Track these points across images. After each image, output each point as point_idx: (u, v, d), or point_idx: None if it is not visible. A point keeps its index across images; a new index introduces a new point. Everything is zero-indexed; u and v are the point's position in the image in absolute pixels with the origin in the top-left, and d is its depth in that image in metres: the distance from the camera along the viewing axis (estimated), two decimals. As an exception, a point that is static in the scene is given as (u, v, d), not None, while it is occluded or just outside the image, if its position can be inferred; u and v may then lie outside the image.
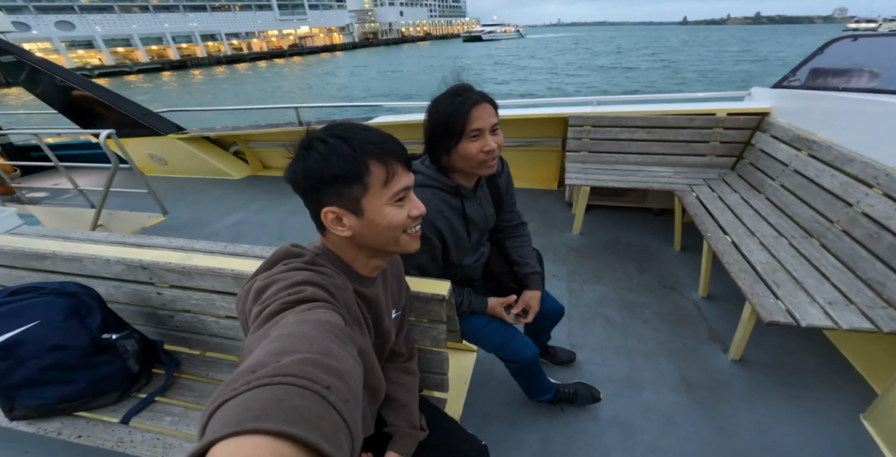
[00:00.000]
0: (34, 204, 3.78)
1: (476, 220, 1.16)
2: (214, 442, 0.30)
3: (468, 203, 1.12)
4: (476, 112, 0.97)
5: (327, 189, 0.64)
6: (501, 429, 1.50)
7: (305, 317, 0.52)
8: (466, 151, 0.99)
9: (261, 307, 0.56)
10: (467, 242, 1.16)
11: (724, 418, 1.50)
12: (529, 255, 1.36)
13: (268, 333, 0.49)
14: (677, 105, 2.92)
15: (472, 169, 1.04)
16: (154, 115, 4.06)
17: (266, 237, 3.03)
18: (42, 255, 1.23)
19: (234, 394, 0.35)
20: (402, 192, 0.68)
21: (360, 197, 0.65)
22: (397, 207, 0.68)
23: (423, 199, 1.00)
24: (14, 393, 1.06)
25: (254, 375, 0.37)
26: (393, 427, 0.92)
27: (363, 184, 0.64)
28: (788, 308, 1.43)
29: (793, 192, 2.04)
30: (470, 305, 1.21)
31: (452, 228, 1.10)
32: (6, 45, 3.71)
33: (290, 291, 0.58)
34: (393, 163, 0.66)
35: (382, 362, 0.92)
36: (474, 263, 1.24)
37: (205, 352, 1.37)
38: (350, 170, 0.63)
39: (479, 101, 0.97)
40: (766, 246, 1.81)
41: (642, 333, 1.92)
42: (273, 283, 0.60)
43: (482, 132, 0.99)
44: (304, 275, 0.63)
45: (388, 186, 0.66)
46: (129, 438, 1.08)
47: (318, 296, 0.58)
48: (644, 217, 2.96)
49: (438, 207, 1.06)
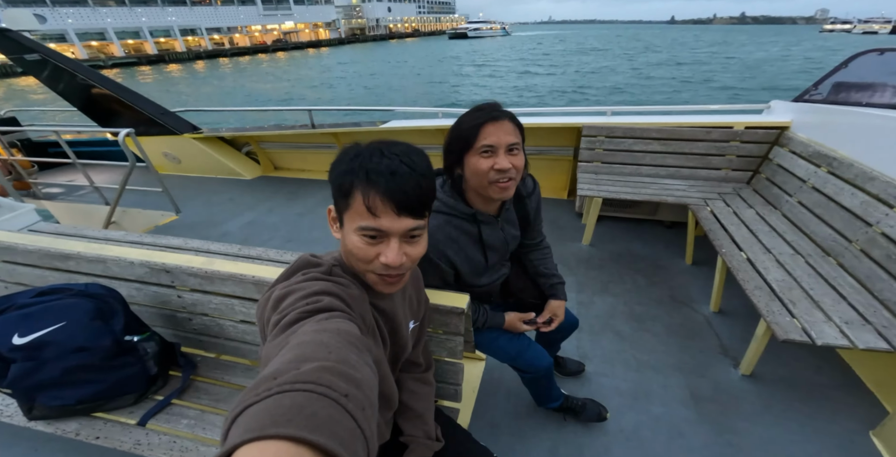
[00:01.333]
0: (49, 199, 3.83)
1: (495, 244, 1.12)
2: (238, 446, 0.31)
3: (486, 228, 1.08)
4: (491, 127, 0.92)
5: (333, 190, 0.68)
6: (509, 439, 1.50)
7: (323, 326, 0.53)
8: (476, 166, 0.94)
9: (279, 316, 0.57)
10: (483, 266, 1.13)
11: (733, 433, 1.50)
12: (553, 267, 1.35)
13: (287, 341, 0.50)
14: (693, 117, 2.90)
15: (483, 190, 0.98)
16: (171, 114, 4.12)
17: (276, 239, 3.05)
18: (66, 255, 1.25)
19: (256, 399, 0.36)
20: (373, 231, 0.64)
21: (343, 211, 0.67)
22: (365, 241, 0.65)
23: (436, 225, 1.01)
24: (34, 394, 1.07)
25: (275, 381, 0.38)
26: (409, 437, 0.93)
27: (346, 202, 0.65)
28: (804, 326, 1.43)
29: (810, 209, 2.02)
30: (486, 322, 1.21)
31: (466, 256, 1.07)
32: (31, 43, 3.79)
33: (307, 301, 0.59)
34: (374, 199, 0.62)
35: (398, 372, 0.93)
36: (492, 282, 1.22)
37: (220, 355, 1.38)
38: (340, 183, 0.65)
39: (498, 118, 0.93)
40: (782, 263, 1.79)
41: (652, 346, 1.91)
42: (291, 292, 0.62)
43: (495, 149, 0.93)
44: (322, 285, 0.64)
45: (360, 217, 0.63)
46: (146, 440, 1.09)
47: (334, 306, 0.60)
48: (655, 229, 2.94)
49: (451, 235, 1.03)
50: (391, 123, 3.60)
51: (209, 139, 4.18)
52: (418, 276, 0.95)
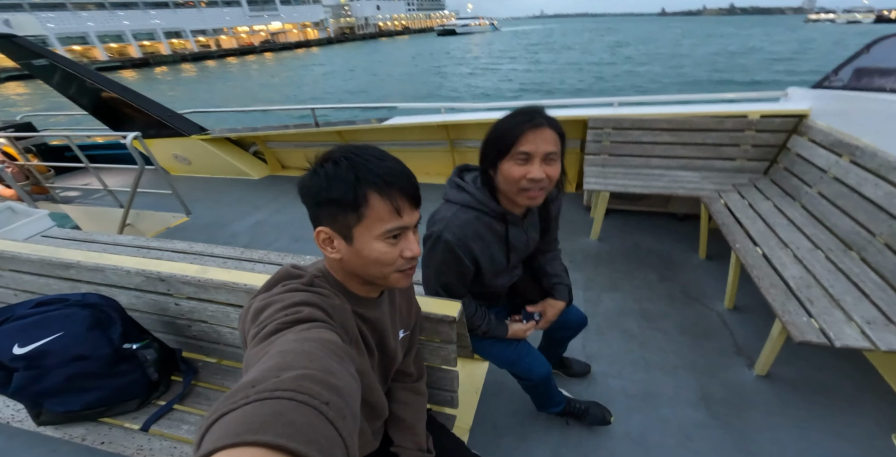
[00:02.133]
0: (67, 203, 3.95)
1: (518, 246, 1.12)
2: (212, 453, 0.31)
3: (512, 229, 1.07)
4: (531, 134, 0.88)
5: (324, 210, 0.65)
6: (511, 442, 1.48)
7: (304, 335, 0.52)
8: (509, 172, 0.92)
9: (258, 328, 0.57)
10: (504, 266, 1.12)
11: (744, 435, 1.45)
12: (560, 270, 1.33)
13: (266, 350, 0.49)
14: (704, 107, 2.79)
15: (512, 194, 0.96)
16: (178, 116, 4.17)
17: (283, 238, 3.08)
18: (67, 264, 1.27)
19: (233, 407, 0.36)
20: (398, 230, 0.65)
21: (353, 225, 0.64)
22: (388, 244, 0.66)
23: (465, 221, 1.00)
24: (41, 400, 1.10)
25: (254, 389, 0.38)
26: (399, 448, 0.92)
27: (358, 214, 0.63)
28: (822, 327, 1.36)
29: (832, 201, 1.91)
30: (488, 332, 1.18)
31: (490, 254, 1.06)
32: (39, 48, 3.87)
33: (287, 312, 0.58)
34: (396, 199, 0.64)
35: (388, 382, 0.92)
36: (504, 284, 1.21)
37: (220, 360, 1.39)
38: (347, 197, 0.62)
39: (541, 125, 0.89)
40: (801, 259, 1.70)
41: (662, 345, 1.86)
42: (271, 304, 0.61)
43: (531, 157, 0.90)
44: (302, 296, 0.63)
45: (383, 222, 0.64)
46: (148, 445, 1.11)
47: (314, 316, 0.59)
48: (667, 222, 2.85)
49: (479, 231, 1.01)
50: (394, 120, 3.56)
51: (217, 140, 4.23)
52: (410, 285, 0.92)
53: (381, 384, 0.85)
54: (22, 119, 4.73)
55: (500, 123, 0.93)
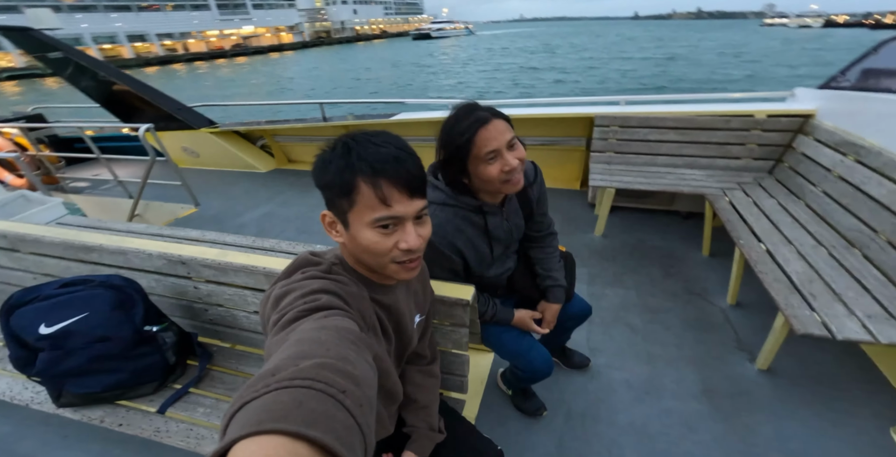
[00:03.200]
0: (77, 193, 3.98)
1: (500, 236, 1.13)
2: (236, 441, 0.32)
3: (491, 219, 1.09)
4: (485, 133, 0.90)
5: (325, 193, 0.66)
6: (516, 431, 1.50)
7: (322, 323, 0.53)
8: (487, 174, 0.94)
9: (279, 315, 0.58)
10: (489, 257, 1.14)
11: (746, 427, 1.47)
12: (554, 267, 1.31)
13: (286, 338, 0.51)
14: (711, 106, 2.81)
15: (495, 190, 0.99)
16: (188, 109, 4.21)
17: (290, 230, 3.11)
18: (90, 247, 1.30)
19: (254, 396, 0.37)
20: (388, 220, 0.63)
21: (347, 211, 0.64)
22: (380, 233, 0.64)
23: (443, 219, 1.01)
24: (62, 381, 1.13)
25: (273, 378, 0.39)
26: (412, 428, 0.94)
27: (349, 199, 0.63)
28: (824, 320, 1.38)
29: (836, 199, 1.93)
30: (494, 315, 1.21)
31: (474, 246, 1.08)
32: (54, 41, 3.91)
33: (306, 300, 0.59)
34: (385, 187, 0.61)
35: (403, 365, 0.94)
36: (499, 275, 1.22)
37: (235, 345, 1.42)
38: (337, 182, 0.62)
39: (488, 120, 0.91)
40: (804, 255, 1.73)
41: (665, 339, 1.88)
42: (291, 291, 0.62)
43: (499, 152, 0.92)
44: (320, 283, 0.64)
45: (372, 211, 0.62)
46: (164, 427, 1.14)
47: (332, 304, 0.60)
48: (671, 220, 2.87)
49: (459, 227, 1.04)
50: (401, 115, 3.59)
51: (225, 133, 4.26)
52: (424, 269, 0.94)
53: (396, 368, 0.87)
54: (34, 110, 4.76)
55: (449, 134, 0.94)
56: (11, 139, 4.01)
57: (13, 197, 2.52)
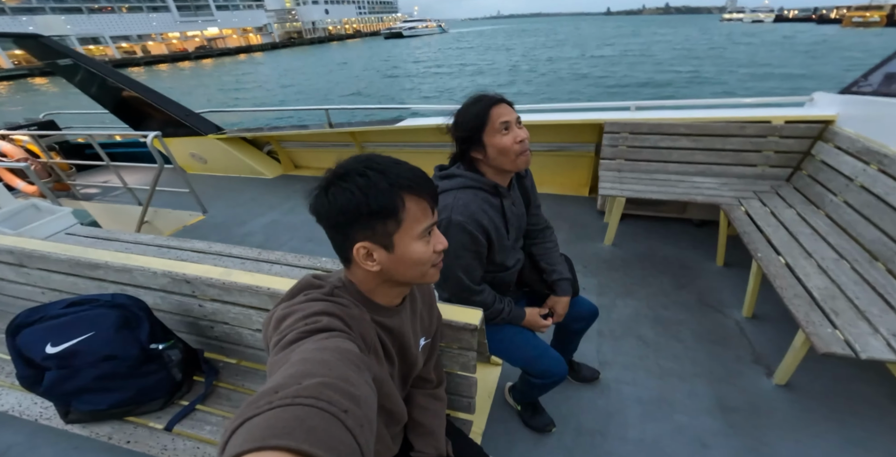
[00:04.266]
0: (87, 200, 4.03)
1: (513, 219, 1.19)
2: (238, 456, 0.32)
3: (506, 202, 1.16)
4: (499, 109, 1.05)
5: (362, 223, 0.63)
6: (524, 447, 1.47)
7: (323, 345, 0.54)
8: (502, 144, 1.05)
9: (280, 336, 0.58)
10: (507, 240, 1.18)
11: (762, 444, 1.43)
12: (557, 260, 1.36)
13: (287, 358, 0.51)
14: (725, 111, 2.74)
15: (510, 164, 1.08)
16: (196, 115, 4.24)
17: (297, 238, 3.11)
18: (95, 264, 1.30)
19: (256, 412, 0.37)
20: (431, 227, 0.69)
21: (393, 233, 0.64)
22: (425, 242, 0.68)
23: (467, 199, 1.08)
24: (69, 399, 1.13)
25: (276, 395, 0.39)
26: (419, 454, 0.92)
27: (397, 219, 0.64)
28: (847, 339, 1.33)
29: (858, 210, 1.87)
30: (510, 313, 1.23)
31: (496, 227, 1.13)
32: (64, 48, 3.96)
33: (307, 322, 0.59)
34: (427, 198, 0.66)
35: (407, 389, 0.93)
36: (514, 265, 1.25)
37: (241, 361, 1.41)
38: (387, 205, 0.62)
39: (499, 101, 1.06)
40: (825, 270, 1.67)
41: (677, 352, 1.84)
42: (292, 313, 0.62)
43: (510, 124, 1.05)
44: (322, 305, 0.64)
45: (419, 222, 0.66)
46: (171, 445, 1.13)
47: (333, 326, 0.60)
48: (683, 228, 2.81)
49: (482, 207, 1.09)
50: (406, 122, 3.57)
51: (232, 139, 4.29)
52: (432, 292, 0.93)
53: (400, 391, 0.86)
54: (45, 117, 4.84)
55: (467, 112, 1.07)
56: (23, 146, 4.07)
57: (23, 206, 2.55)
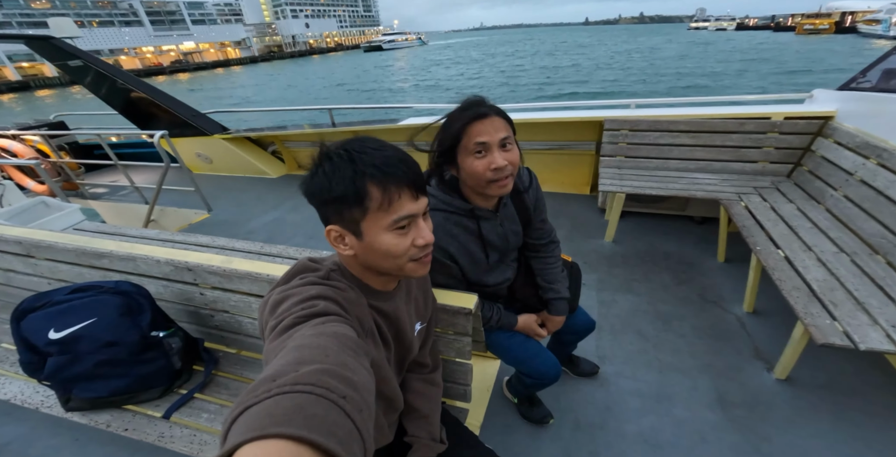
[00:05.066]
0: (95, 199, 4.10)
1: (494, 241, 1.10)
2: (239, 446, 0.32)
3: (485, 224, 1.06)
4: (480, 126, 0.89)
5: (330, 207, 0.64)
6: (522, 440, 1.47)
7: (320, 330, 0.53)
8: (472, 168, 0.91)
9: (276, 321, 0.58)
10: (485, 263, 1.11)
11: (763, 439, 1.42)
12: (556, 279, 1.26)
13: (284, 344, 0.51)
14: (723, 109, 2.75)
15: (481, 189, 0.96)
16: (202, 116, 4.30)
17: (299, 236, 3.14)
18: (100, 254, 1.33)
19: (256, 401, 0.37)
20: (405, 219, 0.64)
21: (359, 220, 0.63)
22: (398, 234, 0.65)
23: (435, 223, 0.97)
24: (71, 386, 1.14)
25: (274, 383, 0.39)
26: (413, 438, 0.92)
27: (362, 207, 0.62)
28: (846, 330, 1.33)
29: (857, 204, 1.86)
30: (499, 321, 1.19)
31: (468, 251, 1.06)
32: (74, 50, 4.04)
33: (303, 306, 0.59)
34: (396, 189, 0.62)
35: (403, 373, 0.93)
36: (497, 284, 1.19)
37: (240, 351, 1.43)
38: (348, 192, 0.61)
39: (486, 115, 0.90)
40: (824, 262, 1.66)
41: (677, 347, 1.83)
42: (288, 297, 0.62)
43: (488, 147, 0.90)
44: (318, 289, 0.63)
45: (388, 213, 0.63)
46: (168, 433, 1.14)
47: (330, 310, 0.59)
48: (684, 225, 2.80)
49: (451, 232, 1.02)
50: (408, 120, 3.60)
51: (237, 139, 4.34)
52: (426, 277, 0.93)
53: (396, 376, 0.86)
54: (55, 118, 4.93)
55: (447, 123, 0.94)
56: (33, 146, 4.15)
57: (33, 203, 2.60)
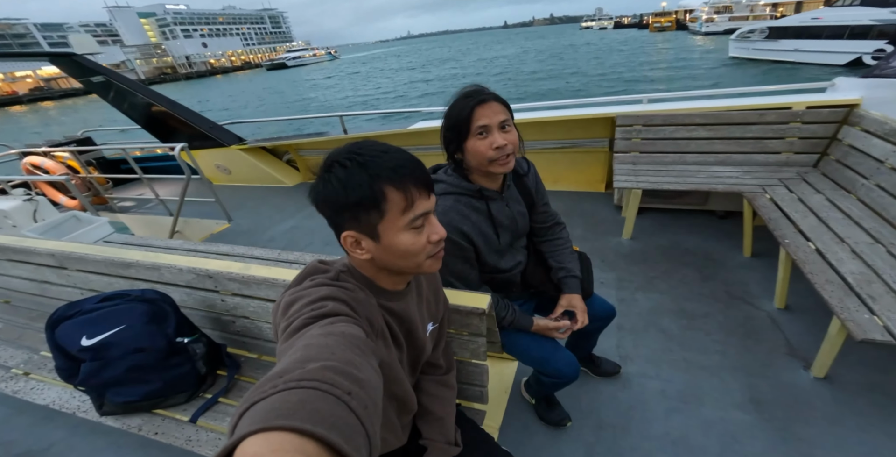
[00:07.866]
0: (124, 212, 4.27)
1: (504, 221, 1.15)
2: (244, 437, 0.33)
3: (493, 205, 1.12)
4: (482, 110, 0.98)
5: (345, 214, 0.65)
6: (543, 442, 1.44)
7: (328, 330, 0.54)
8: (476, 148, 1.01)
9: (287, 322, 0.59)
10: (497, 244, 1.15)
11: (800, 439, 1.35)
12: (567, 259, 1.29)
13: (293, 344, 0.52)
14: (740, 100, 2.67)
15: (485, 168, 1.04)
16: (219, 127, 4.43)
17: (316, 242, 3.19)
18: (127, 264, 1.38)
19: (262, 396, 0.38)
20: (420, 218, 0.66)
21: (377, 223, 0.65)
22: (415, 233, 0.67)
23: (446, 207, 1.05)
24: (104, 391, 1.19)
25: (281, 379, 0.40)
26: (427, 440, 0.92)
27: (379, 210, 0.63)
28: (887, 324, 1.26)
29: (891, 192, 1.77)
30: (513, 322, 1.18)
31: (481, 231, 1.10)
32: (96, 66, 4.21)
33: (313, 307, 0.60)
34: (410, 189, 0.64)
35: (416, 375, 0.93)
36: (511, 268, 1.21)
37: (261, 356, 1.45)
38: (366, 197, 0.62)
39: (487, 100, 0.99)
40: (859, 254, 1.58)
41: (704, 345, 1.77)
42: (299, 299, 0.63)
43: (489, 129, 0.99)
44: (327, 290, 0.65)
45: (405, 213, 0.65)
46: (195, 436, 1.17)
47: (339, 311, 0.61)
48: (706, 220, 2.72)
49: (462, 212, 1.07)
50: (419, 124, 3.63)
51: (253, 149, 4.46)
52: (436, 277, 0.94)
53: (409, 377, 0.86)
54: (83, 134, 5.16)
55: (450, 110, 1.02)
56: (64, 162, 4.35)
57: (65, 218, 2.73)
